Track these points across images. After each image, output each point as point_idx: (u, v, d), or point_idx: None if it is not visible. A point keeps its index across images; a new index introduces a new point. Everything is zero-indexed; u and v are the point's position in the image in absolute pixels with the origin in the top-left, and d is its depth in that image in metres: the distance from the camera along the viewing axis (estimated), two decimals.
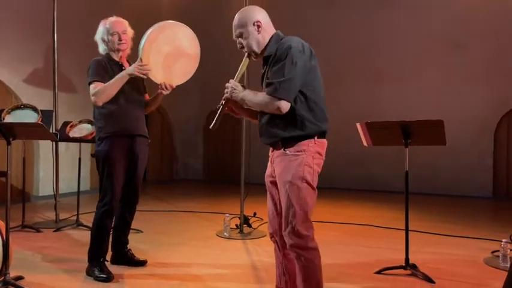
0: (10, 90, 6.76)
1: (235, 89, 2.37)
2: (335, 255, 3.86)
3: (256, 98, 2.30)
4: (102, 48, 3.36)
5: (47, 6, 5.41)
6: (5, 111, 4.51)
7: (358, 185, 8.30)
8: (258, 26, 2.31)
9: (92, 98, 3.16)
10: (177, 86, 3.31)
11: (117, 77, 3.16)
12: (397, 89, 8.19)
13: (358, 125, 3.41)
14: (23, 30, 6.76)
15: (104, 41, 3.32)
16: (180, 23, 3.30)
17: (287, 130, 2.25)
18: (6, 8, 6.56)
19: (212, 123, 2.40)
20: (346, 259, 3.80)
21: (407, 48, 8.15)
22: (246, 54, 2.41)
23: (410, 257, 3.39)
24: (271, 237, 2.48)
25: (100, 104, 3.15)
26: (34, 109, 4.52)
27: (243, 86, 2.40)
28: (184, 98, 9.53)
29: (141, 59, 3.10)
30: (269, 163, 2.44)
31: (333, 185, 8.32)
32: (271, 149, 2.42)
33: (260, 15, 2.35)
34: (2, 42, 6.51)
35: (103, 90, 3.13)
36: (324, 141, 2.35)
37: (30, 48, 6.86)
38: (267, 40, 2.34)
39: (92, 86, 3.18)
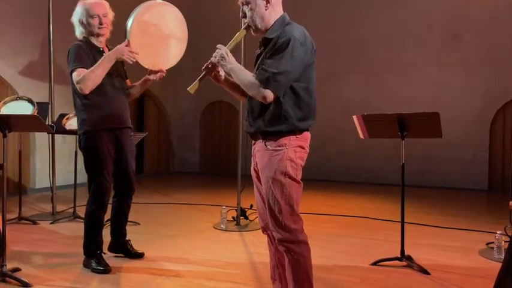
0: (6, 82, 6.72)
1: (224, 57, 2.25)
2: (331, 247, 3.88)
3: (245, 77, 2.21)
4: (79, 31, 3.17)
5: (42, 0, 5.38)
6: (1, 103, 4.49)
7: (354, 177, 8.32)
8: (267, 1, 2.20)
9: (77, 86, 2.98)
10: (174, 78, 3.23)
11: (102, 59, 2.97)
12: (394, 81, 8.19)
13: (354, 117, 3.41)
14: (19, 23, 6.70)
15: (82, 23, 3.13)
16: (166, 2, 3.11)
17: (269, 123, 2.19)
18: (2, 0, 6.50)
19: (191, 86, 2.31)
20: (341, 251, 3.83)
21: (404, 40, 8.13)
22: (246, 25, 2.29)
23: (406, 248, 3.41)
24: (263, 231, 2.45)
25: (87, 92, 2.98)
26: (30, 101, 4.49)
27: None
28: (180, 91, 9.49)
29: (128, 41, 2.93)
30: (252, 156, 2.38)
31: (330, 178, 8.35)
32: (252, 141, 2.36)
33: None
34: None
35: (89, 76, 2.94)
36: (307, 134, 2.27)
37: (26, 40, 6.81)
38: (272, 20, 2.23)
39: (74, 73, 3.00)
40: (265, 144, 2.23)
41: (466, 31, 7.69)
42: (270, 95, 2.13)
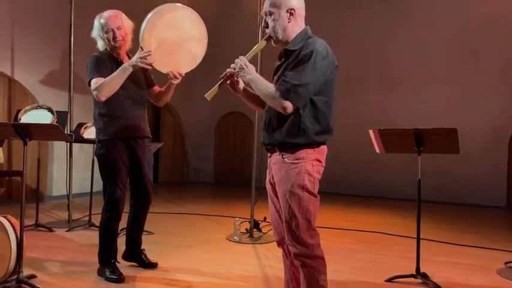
0: (27, 91, 6.87)
1: (243, 68, 2.24)
2: (345, 262, 3.84)
3: (265, 87, 2.19)
4: (100, 44, 3.25)
5: (64, 10, 5.50)
6: (21, 112, 4.58)
7: (369, 191, 8.25)
8: (291, 14, 2.20)
9: (94, 92, 3.03)
10: (189, 89, 3.19)
11: (119, 69, 3.02)
12: (411, 96, 8.14)
13: (370, 131, 3.39)
14: (41, 32, 6.87)
15: (100, 37, 3.21)
16: (179, 5, 3.05)
17: (287, 135, 2.18)
18: (25, 11, 6.68)
19: (208, 92, 2.31)
20: (356, 266, 3.78)
21: (421, 55, 8.10)
22: (267, 36, 2.28)
23: (421, 265, 3.36)
24: (278, 245, 2.42)
25: (103, 99, 3.03)
26: (50, 110, 4.57)
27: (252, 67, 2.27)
28: (196, 101, 9.57)
29: (141, 48, 2.94)
30: (268, 169, 2.37)
31: (344, 191, 8.30)
32: (268, 154, 2.35)
33: (297, 2, 2.23)
34: (19, 44, 6.63)
35: (106, 84, 2.99)
36: (324, 147, 2.26)
37: (47, 51, 6.97)
38: (295, 32, 2.23)
39: (92, 81, 3.06)
40: (283, 157, 2.21)
41: (484, 46, 7.62)
42: (289, 106, 2.12)
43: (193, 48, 3.05)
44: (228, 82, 2.36)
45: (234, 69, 2.28)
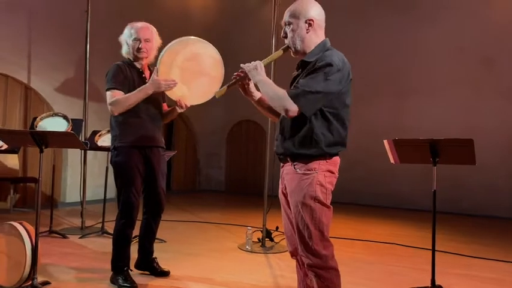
0: (42, 99, 6.97)
1: (256, 68, 2.24)
2: (358, 273, 3.79)
3: (271, 88, 2.18)
4: (124, 50, 3.30)
5: (81, 19, 5.59)
6: (37, 119, 4.65)
7: (382, 201, 8.18)
8: (310, 24, 2.20)
9: (109, 107, 3.10)
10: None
11: (140, 89, 3.08)
12: (425, 105, 8.08)
13: (385, 142, 3.36)
14: (57, 42, 6.98)
15: (126, 43, 3.28)
16: (205, 41, 3.11)
17: (299, 146, 2.17)
18: (41, 19, 6.80)
19: (218, 90, 2.34)
20: (369, 277, 3.73)
21: (435, 63, 8.05)
22: (285, 46, 2.29)
23: (436, 278, 3.30)
24: (291, 255, 2.39)
25: (116, 114, 3.12)
26: (65, 118, 4.63)
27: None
28: (209, 110, 9.63)
29: (156, 70, 3.01)
30: (280, 179, 2.36)
31: (358, 201, 8.24)
32: (281, 164, 2.34)
33: (316, 13, 2.23)
34: (36, 52, 6.75)
35: (122, 102, 3.06)
36: (336, 159, 2.24)
37: (62, 59, 7.08)
38: (313, 44, 2.23)
39: (109, 93, 3.12)
40: (295, 168, 2.21)
41: (499, 54, 7.56)
42: (294, 109, 2.09)
43: (207, 85, 3.10)
44: (240, 83, 2.36)
45: (247, 67, 2.27)
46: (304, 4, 2.23)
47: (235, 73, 2.34)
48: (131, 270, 3.32)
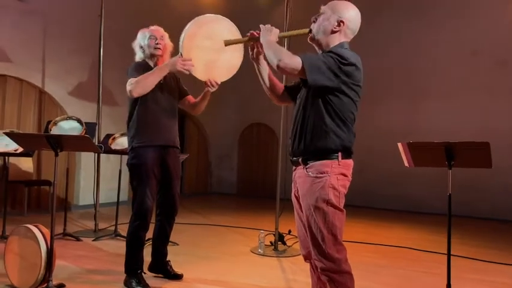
0: (56, 102, 7.05)
1: (269, 31, 2.25)
2: (372, 278, 3.76)
3: (276, 45, 2.17)
4: (138, 56, 3.35)
5: (94, 24, 5.65)
6: (51, 123, 4.71)
7: (395, 204, 8.11)
8: (339, 24, 2.22)
9: (128, 88, 3.08)
10: (213, 102, 3.20)
11: (156, 68, 3.10)
12: (439, 107, 8.01)
13: (399, 145, 3.33)
14: (70, 45, 7.06)
15: (141, 47, 3.31)
16: (218, 16, 3.07)
17: (310, 138, 2.18)
18: (55, 24, 6.88)
19: (229, 39, 2.36)
20: (383, 282, 3.70)
21: (449, 66, 7.98)
22: (309, 29, 2.29)
23: (451, 282, 3.25)
24: (305, 259, 2.38)
25: (135, 95, 3.08)
26: (79, 121, 4.68)
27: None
28: (221, 112, 9.65)
29: (181, 55, 2.98)
30: (293, 183, 2.35)
31: (370, 204, 8.18)
32: (293, 167, 2.34)
33: (351, 18, 2.24)
34: (50, 55, 6.83)
35: (140, 80, 3.04)
36: (349, 162, 2.23)
37: (76, 63, 7.15)
38: (335, 42, 2.24)
39: (129, 81, 3.12)
40: (307, 171, 2.20)
41: None
42: (288, 61, 2.07)
43: (230, 58, 3.06)
44: (251, 44, 2.36)
45: (262, 28, 2.28)
46: (345, 4, 2.26)
47: (251, 31, 2.35)
48: (145, 273, 3.33)
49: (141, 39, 3.33)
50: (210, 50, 2.99)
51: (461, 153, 3.12)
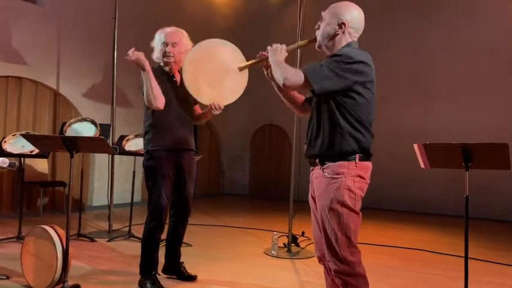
0: (70, 104, 7.12)
1: (276, 50, 2.27)
2: (386, 280, 3.73)
3: (282, 64, 2.19)
4: (155, 56, 3.36)
5: (108, 26, 5.69)
6: (66, 124, 4.75)
7: (408, 206, 8.03)
8: (340, 27, 2.22)
9: (146, 102, 3.13)
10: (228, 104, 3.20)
11: (148, 75, 3.07)
12: (451, 107, 7.92)
13: (415, 146, 3.29)
14: (84, 48, 7.13)
15: (157, 48, 3.33)
16: (218, 39, 3.11)
17: (328, 143, 2.17)
18: (69, 27, 6.96)
19: (242, 64, 2.40)
20: (397, 285, 3.66)
21: (461, 65, 7.88)
22: (314, 37, 2.31)
23: (469, 286, 3.20)
24: (319, 261, 2.37)
25: (153, 106, 3.11)
26: (93, 123, 4.72)
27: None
28: (233, 113, 9.65)
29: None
30: (310, 183, 2.34)
31: (382, 206, 8.10)
32: (311, 167, 2.33)
33: (352, 18, 2.24)
34: (64, 58, 6.90)
35: (147, 91, 3.06)
36: (367, 164, 2.20)
37: (90, 65, 7.22)
38: (342, 44, 2.24)
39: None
40: (323, 171, 2.19)
41: None
42: (293, 78, 2.10)
43: (234, 80, 3.06)
44: (264, 64, 2.39)
45: (269, 49, 2.31)
46: (344, 6, 2.26)
47: (260, 52, 2.38)
48: (159, 274, 3.34)
49: (157, 41, 3.33)
50: (213, 74, 3.04)
51: (478, 155, 3.07)
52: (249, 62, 2.40)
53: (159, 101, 3.11)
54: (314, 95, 2.27)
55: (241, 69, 2.42)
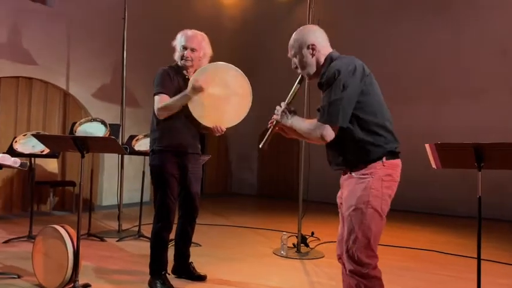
0: (80, 104, 7.16)
1: (285, 114, 2.32)
2: (397, 281, 3.69)
3: (303, 126, 2.24)
4: (176, 56, 3.37)
5: (117, 27, 5.71)
6: (76, 124, 4.77)
7: (420, 207, 7.96)
8: (313, 49, 2.25)
9: (157, 111, 3.21)
10: None
11: (181, 95, 3.16)
12: (464, 107, 7.84)
13: (427, 146, 3.24)
14: (94, 49, 7.16)
15: (178, 49, 3.35)
16: (222, 63, 3.22)
17: (351, 156, 2.17)
18: (79, 27, 6.99)
19: (262, 143, 2.41)
20: (409, 286, 3.63)
21: (473, 65, 7.79)
22: (299, 78, 2.36)
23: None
24: (338, 259, 2.37)
25: (161, 118, 3.21)
26: (103, 123, 4.73)
27: (293, 111, 2.33)
28: None
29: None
30: (341, 186, 2.36)
31: (394, 206, 8.02)
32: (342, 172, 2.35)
33: (315, 37, 2.27)
34: (74, 58, 6.94)
35: (169, 108, 3.16)
36: (395, 162, 2.22)
37: (100, 66, 7.25)
38: (321, 61, 2.26)
39: (157, 98, 3.21)
40: (351, 172, 2.20)
41: None
42: (326, 132, 2.11)
43: (238, 103, 3.23)
44: (277, 128, 2.43)
45: (277, 116, 2.35)
46: (300, 34, 2.30)
47: (269, 121, 2.42)
48: (169, 274, 3.34)
49: (178, 43, 3.34)
50: (217, 98, 3.16)
51: (491, 155, 3.03)
52: (267, 136, 2.42)
53: (166, 116, 3.19)
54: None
55: (263, 146, 2.45)
